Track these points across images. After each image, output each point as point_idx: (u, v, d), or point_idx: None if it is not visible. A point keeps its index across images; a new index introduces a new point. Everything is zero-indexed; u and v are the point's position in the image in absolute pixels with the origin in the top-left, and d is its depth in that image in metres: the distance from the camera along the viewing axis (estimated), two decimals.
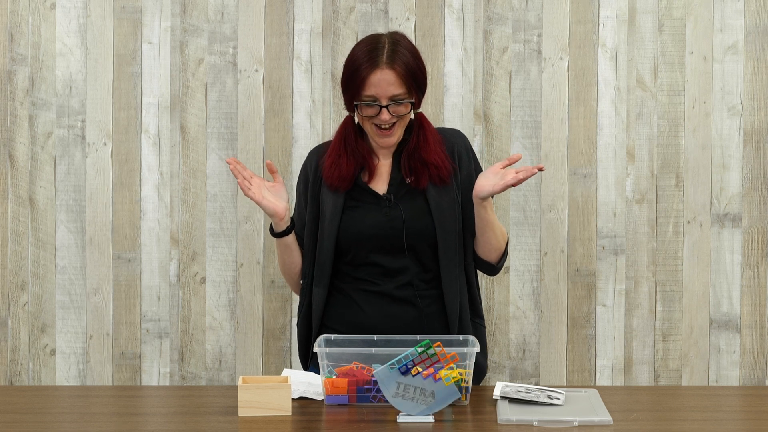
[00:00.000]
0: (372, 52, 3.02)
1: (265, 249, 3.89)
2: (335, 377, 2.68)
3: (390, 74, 2.99)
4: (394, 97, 3.00)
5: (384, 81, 2.99)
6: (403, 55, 3.02)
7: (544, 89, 3.87)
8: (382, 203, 3.08)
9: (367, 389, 2.67)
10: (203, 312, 3.90)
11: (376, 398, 2.66)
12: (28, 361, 3.92)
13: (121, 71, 3.88)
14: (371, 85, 2.99)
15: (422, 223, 3.07)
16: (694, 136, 3.86)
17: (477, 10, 3.85)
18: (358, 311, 3.09)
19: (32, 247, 3.90)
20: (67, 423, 2.57)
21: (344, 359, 2.72)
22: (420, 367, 2.54)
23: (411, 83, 3.01)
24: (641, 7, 3.84)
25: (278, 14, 3.88)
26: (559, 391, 2.73)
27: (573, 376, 3.89)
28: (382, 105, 3.00)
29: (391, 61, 3.00)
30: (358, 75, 3.01)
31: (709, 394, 2.97)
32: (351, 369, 2.68)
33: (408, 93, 3.02)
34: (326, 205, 3.11)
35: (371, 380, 2.66)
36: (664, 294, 3.88)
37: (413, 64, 3.03)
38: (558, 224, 3.87)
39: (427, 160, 3.06)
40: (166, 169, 3.89)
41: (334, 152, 3.12)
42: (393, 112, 3.01)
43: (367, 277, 3.09)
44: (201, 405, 2.75)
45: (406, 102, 3.01)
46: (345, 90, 3.07)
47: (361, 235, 3.07)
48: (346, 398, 2.68)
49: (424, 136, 3.09)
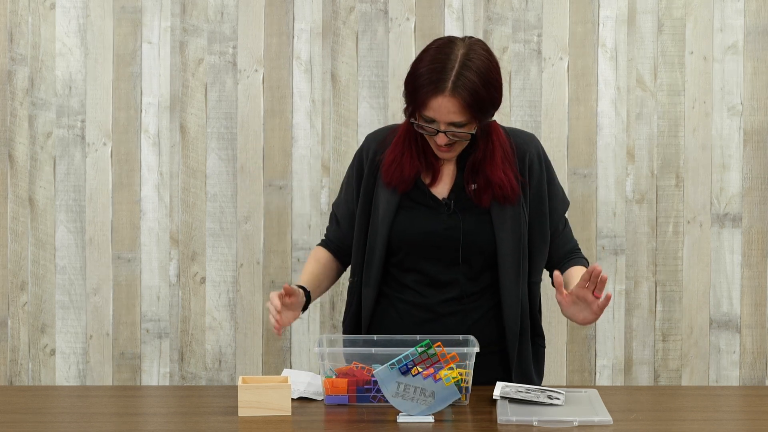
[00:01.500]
0: (439, 73, 2.75)
1: (265, 249, 3.89)
2: (335, 377, 2.67)
3: (452, 103, 2.74)
4: (454, 123, 2.77)
5: (444, 108, 2.74)
6: (470, 81, 2.74)
7: (544, 89, 3.87)
8: (440, 208, 2.89)
9: (366, 389, 2.67)
10: (203, 312, 3.90)
11: (376, 398, 2.65)
12: (27, 361, 3.92)
13: (121, 71, 3.88)
14: (431, 109, 2.75)
15: (482, 236, 2.88)
16: (694, 136, 3.86)
17: (477, 10, 3.85)
18: (405, 323, 2.93)
19: (32, 247, 3.90)
20: (67, 423, 2.57)
21: (344, 359, 2.71)
22: (420, 367, 2.54)
23: (474, 112, 2.76)
24: (641, 7, 3.84)
25: (278, 14, 3.88)
26: (559, 391, 2.73)
27: (573, 376, 3.89)
28: (440, 130, 2.77)
29: (454, 87, 2.73)
30: (419, 95, 2.76)
31: (709, 394, 2.97)
32: (351, 369, 2.68)
33: (469, 120, 2.77)
34: (380, 200, 2.91)
35: (371, 380, 2.65)
36: (664, 294, 3.88)
37: (481, 91, 2.75)
38: None
39: (492, 179, 2.85)
40: (165, 169, 3.89)
41: (398, 149, 2.90)
42: (451, 136, 2.78)
43: (413, 285, 2.93)
44: (201, 405, 2.74)
45: (465, 131, 2.78)
46: (406, 98, 2.82)
47: (414, 239, 2.89)
48: (346, 398, 2.68)
49: (491, 149, 2.86)
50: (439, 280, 2.91)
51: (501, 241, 2.88)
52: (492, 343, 2.92)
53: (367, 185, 2.94)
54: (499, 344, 2.94)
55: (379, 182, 2.92)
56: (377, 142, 2.96)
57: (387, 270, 2.95)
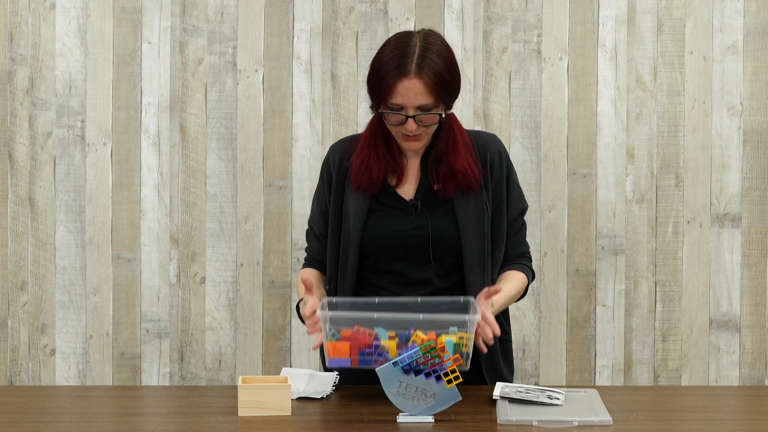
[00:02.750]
0: (401, 58, 2.83)
1: (265, 249, 3.89)
2: (338, 340, 2.67)
3: (418, 84, 2.81)
4: (421, 107, 2.83)
5: (411, 91, 2.81)
6: (433, 62, 2.83)
7: (543, 89, 3.87)
8: (408, 209, 2.94)
9: (368, 353, 2.67)
10: (203, 312, 3.90)
11: (378, 362, 2.66)
12: (28, 361, 3.92)
13: (121, 71, 3.89)
14: (398, 94, 2.81)
15: (448, 232, 2.93)
16: (694, 136, 3.86)
17: (477, 10, 3.86)
18: None
19: (32, 247, 3.90)
20: (67, 423, 2.58)
21: (346, 323, 2.71)
22: (423, 366, 2.54)
23: (440, 93, 2.83)
24: (641, 7, 3.85)
25: (278, 14, 3.88)
26: (558, 391, 2.73)
27: (573, 376, 3.89)
28: (409, 115, 2.83)
29: (419, 70, 2.81)
30: (384, 82, 2.83)
31: (709, 394, 2.97)
32: (353, 333, 2.68)
33: (436, 103, 2.84)
34: (350, 206, 2.96)
35: (373, 344, 2.66)
36: (664, 294, 3.88)
37: (444, 72, 2.84)
38: (558, 224, 3.87)
39: (455, 168, 2.91)
40: (165, 169, 3.89)
41: (364, 152, 2.95)
42: (420, 122, 2.84)
43: (388, 286, 2.96)
44: (201, 405, 2.74)
45: (433, 113, 2.84)
46: (371, 93, 2.89)
47: (385, 242, 2.93)
48: (348, 361, 2.67)
49: (453, 140, 2.93)
50: (413, 279, 2.95)
51: (465, 232, 2.93)
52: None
53: (336, 192, 2.98)
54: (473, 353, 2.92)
55: (348, 188, 2.96)
56: (341, 150, 3.01)
57: (361, 274, 2.99)
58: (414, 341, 2.62)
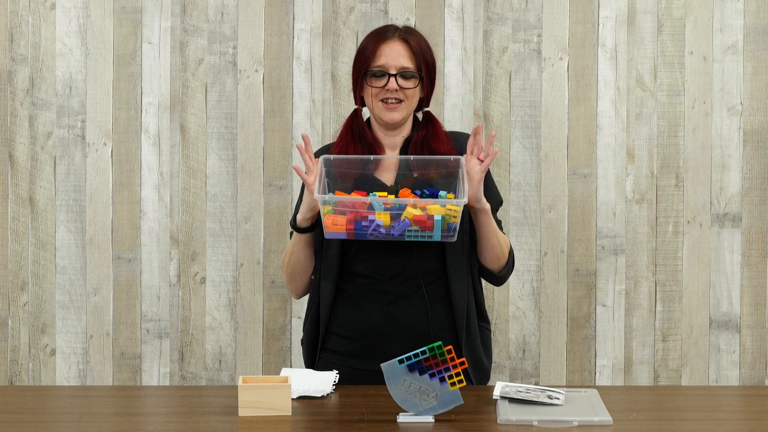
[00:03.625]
0: (384, 30, 3.05)
1: (265, 249, 3.89)
2: (334, 214, 2.82)
3: (401, 46, 3.00)
4: (403, 69, 3.00)
5: (395, 51, 3.00)
6: (415, 34, 3.05)
7: (543, 89, 3.87)
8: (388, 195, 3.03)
9: (364, 226, 2.81)
10: (203, 312, 3.90)
11: (373, 235, 2.81)
12: (28, 361, 3.92)
13: (121, 71, 3.89)
14: (381, 55, 3.00)
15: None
16: (694, 136, 3.86)
17: (477, 10, 3.86)
18: (363, 313, 3.03)
19: (32, 247, 3.90)
20: (67, 423, 2.58)
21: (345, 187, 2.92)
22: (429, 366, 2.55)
23: (421, 61, 3.01)
24: (641, 7, 3.85)
25: (278, 14, 3.88)
26: (559, 391, 2.73)
27: (573, 376, 3.89)
28: (390, 73, 2.99)
29: (404, 35, 3.02)
30: (368, 47, 3.02)
31: (709, 394, 2.97)
32: (351, 203, 2.83)
33: (417, 69, 3.01)
34: None
35: (368, 218, 2.81)
36: (664, 294, 3.88)
37: (425, 47, 3.04)
38: (558, 224, 3.87)
39: (437, 150, 3.04)
40: (166, 169, 3.89)
41: (342, 140, 3.09)
42: (400, 84, 3.00)
43: (372, 273, 3.03)
44: (201, 405, 2.75)
45: (414, 77, 3.01)
46: (355, 66, 3.05)
47: None
48: (344, 234, 2.84)
49: (433, 128, 3.07)
50: (395, 264, 3.01)
51: None
52: (444, 330, 3.02)
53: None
54: (450, 332, 3.03)
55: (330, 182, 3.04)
56: (324, 151, 3.12)
57: (344, 265, 3.05)
58: (406, 217, 2.81)
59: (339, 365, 3.01)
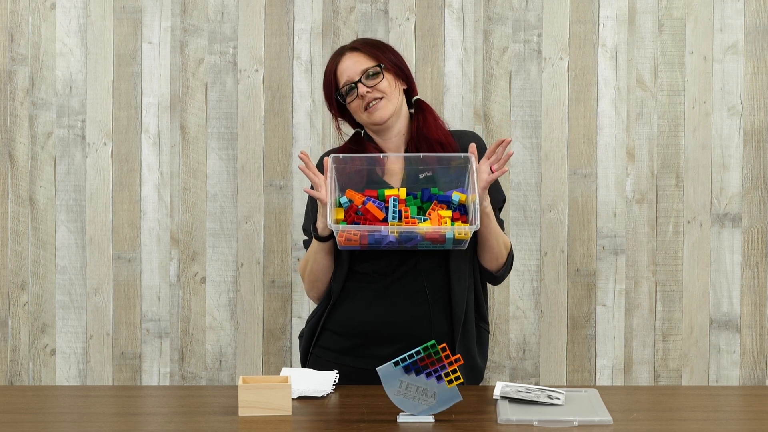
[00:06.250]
0: (336, 53, 3.17)
1: (265, 249, 3.89)
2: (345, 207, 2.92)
3: (353, 55, 3.11)
4: (363, 71, 3.09)
5: (350, 61, 3.10)
6: (362, 39, 3.20)
7: (544, 89, 3.87)
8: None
9: (377, 239, 2.89)
10: (203, 312, 3.90)
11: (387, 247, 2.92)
12: (28, 361, 3.92)
13: (121, 71, 3.89)
14: (342, 73, 3.11)
15: None
16: (694, 136, 3.86)
17: (477, 10, 3.86)
18: (362, 312, 3.05)
19: (32, 247, 3.90)
20: (67, 423, 2.58)
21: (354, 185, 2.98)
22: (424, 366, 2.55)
23: (376, 53, 3.11)
24: (641, 7, 3.84)
25: (278, 14, 3.88)
26: (559, 391, 2.73)
27: (573, 376, 3.89)
28: (356, 81, 3.08)
29: (352, 47, 3.14)
30: (329, 74, 3.14)
31: (709, 394, 2.97)
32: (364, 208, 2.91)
33: (377, 69, 3.09)
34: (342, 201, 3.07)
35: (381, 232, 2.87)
36: (664, 294, 3.88)
37: (374, 42, 3.16)
38: (558, 224, 3.87)
39: (431, 138, 3.11)
40: (166, 169, 3.89)
41: (344, 150, 3.14)
42: (369, 85, 3.07)
43: (378, 271, 3.05)
44: (201, 405, 2.75)
45: (378, 72, 3.08)
46: (327, 97, 3.15)
47: None
48: (358, 247, 2.94)
49: (423, 117, 3.14)
50: (400, 267, 3.05)
51: None
52: (441, 329, 3.05)
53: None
54: (447, 331, 3.06)
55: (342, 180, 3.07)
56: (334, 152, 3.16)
57: (351, 266, 3.09)
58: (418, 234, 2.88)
59: (331, 362, 3.03)
